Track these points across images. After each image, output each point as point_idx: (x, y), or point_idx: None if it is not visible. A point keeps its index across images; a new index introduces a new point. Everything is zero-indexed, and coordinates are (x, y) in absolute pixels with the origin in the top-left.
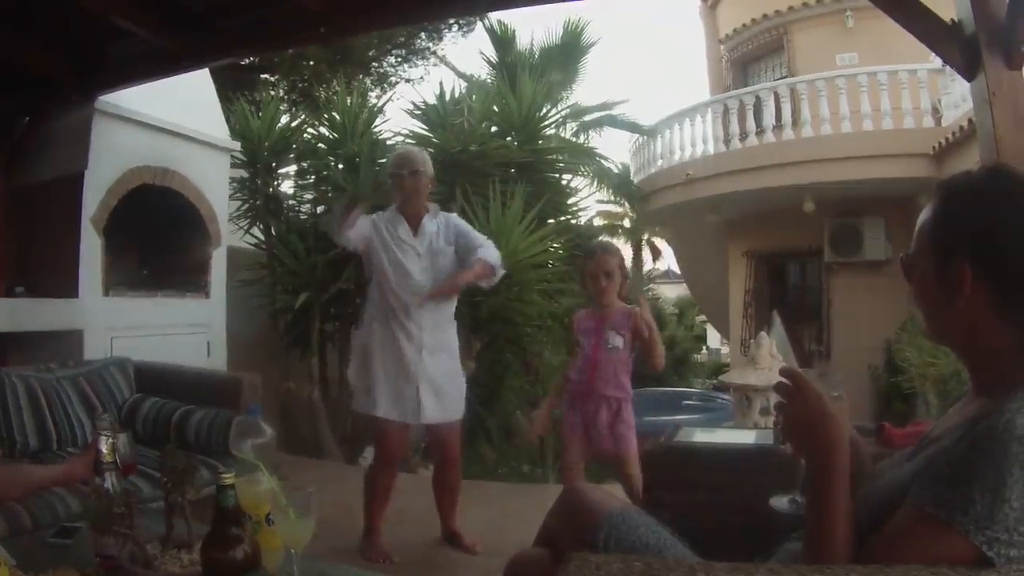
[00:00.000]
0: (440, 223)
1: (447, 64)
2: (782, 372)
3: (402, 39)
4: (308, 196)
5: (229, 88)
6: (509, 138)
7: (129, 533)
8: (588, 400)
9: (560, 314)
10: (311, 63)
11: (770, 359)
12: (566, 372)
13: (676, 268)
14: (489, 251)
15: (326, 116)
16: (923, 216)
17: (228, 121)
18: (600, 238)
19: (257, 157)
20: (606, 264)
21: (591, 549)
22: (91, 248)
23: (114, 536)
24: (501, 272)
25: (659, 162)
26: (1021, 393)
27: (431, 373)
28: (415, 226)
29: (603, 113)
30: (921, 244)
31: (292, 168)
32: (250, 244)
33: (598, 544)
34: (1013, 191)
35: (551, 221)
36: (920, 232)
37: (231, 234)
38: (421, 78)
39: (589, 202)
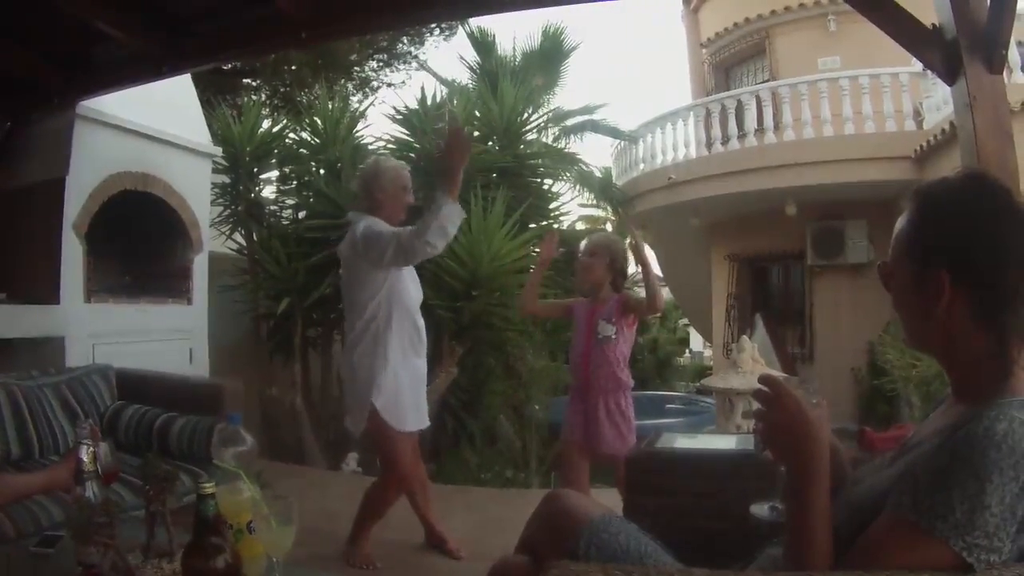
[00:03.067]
0: None
1: (428, 69)
2: (761, 379)
3: (384, 43)
4: (290, 201)
5: (211, 93)
6: (491, 143)
7: (110, 542)
8: (585, 397)
9: (542, 319)
10: (293, 68)
11: (752, 363)
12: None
13: (659, 271)
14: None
15: (308, 121)
16: (900, 223)
17: (210, 126)
18: (599, 232)
19: (239, 162)
20: (587, 255)
21: (572, 556)
22: (73, 254)
23: (96, 545)
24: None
25: (641, 166)
26: (1000, 399)
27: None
28: None
29: (585, 118)
30: (899, 252)
31: (274, 173)
32: (232, 250)
33: (579, 551)
34: (990, 198)
35: (533, 226)
36: (897, 240)
37: (213, 240)
38: (403, 83)
39: (571, 206)
